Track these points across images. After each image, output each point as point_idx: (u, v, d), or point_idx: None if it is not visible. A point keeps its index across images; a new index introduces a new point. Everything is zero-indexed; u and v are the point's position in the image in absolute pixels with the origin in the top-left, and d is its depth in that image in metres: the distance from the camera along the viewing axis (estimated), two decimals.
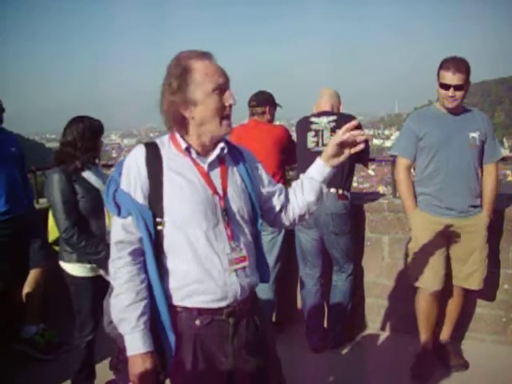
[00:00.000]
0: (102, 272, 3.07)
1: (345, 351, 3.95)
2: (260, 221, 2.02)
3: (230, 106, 1.84)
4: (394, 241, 4.12)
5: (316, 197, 2.05)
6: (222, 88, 1.82)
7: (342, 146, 1.95)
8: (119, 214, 1.81)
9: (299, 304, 4.32)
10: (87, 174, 3.13)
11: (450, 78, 3.22)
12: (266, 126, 4.16)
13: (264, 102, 4.20)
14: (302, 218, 2.12)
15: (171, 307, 1.82)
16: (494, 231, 3.79)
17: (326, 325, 4.13)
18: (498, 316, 3.92)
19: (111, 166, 5.08)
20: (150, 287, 1.81)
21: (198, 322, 1.84)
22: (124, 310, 1.79)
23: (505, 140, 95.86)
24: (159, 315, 1.81)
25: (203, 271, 1.81)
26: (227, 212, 1.87)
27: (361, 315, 4.30)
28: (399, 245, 4.06)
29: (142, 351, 1.79)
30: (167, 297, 1.81)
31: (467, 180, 3.38)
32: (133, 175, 1.81)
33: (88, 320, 3.19)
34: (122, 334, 1.82)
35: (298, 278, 4.20)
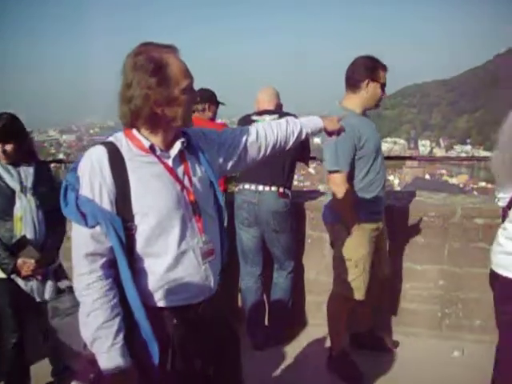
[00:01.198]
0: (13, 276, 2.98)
1: (286, 348, 3.97)
2: (224, 208, 2.01)
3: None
4: None
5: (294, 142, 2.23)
6: (192, 85, 1.79)
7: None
8: (86, 223, 1.67)
9: (240, 302, 4.32)
10: (2, 172, 3.00)
11: (385, 77, 3.23)
12: (206, 123, 4.12)
13: (204, 99, 4.18)
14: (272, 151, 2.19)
15: (148, 310, 1.73)
16: (432, 230, 3.91)
17: (267, 322, 4.16)
18: (433, 311, 4.03)
19: (49, 162, 4.91)
20: (124, 296, 1.72)
21: (175, 321, 1.79)
22: (99, 328, 1.68)
23: (441, 140, 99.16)
24: (137, 322, 1.72)
25: (181, 268, 1.78)
26: (197, 205, 1.84)
27: (301, 312, 4.34)
28: None
29: (124, 367, 1.70)
30: (144, 301, 1.73)
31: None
32: (97, 181, 1.68)
33: (8, 321, 3.09)
34: (96, 353, 1.71)
35: (239, 276, 4.20)
